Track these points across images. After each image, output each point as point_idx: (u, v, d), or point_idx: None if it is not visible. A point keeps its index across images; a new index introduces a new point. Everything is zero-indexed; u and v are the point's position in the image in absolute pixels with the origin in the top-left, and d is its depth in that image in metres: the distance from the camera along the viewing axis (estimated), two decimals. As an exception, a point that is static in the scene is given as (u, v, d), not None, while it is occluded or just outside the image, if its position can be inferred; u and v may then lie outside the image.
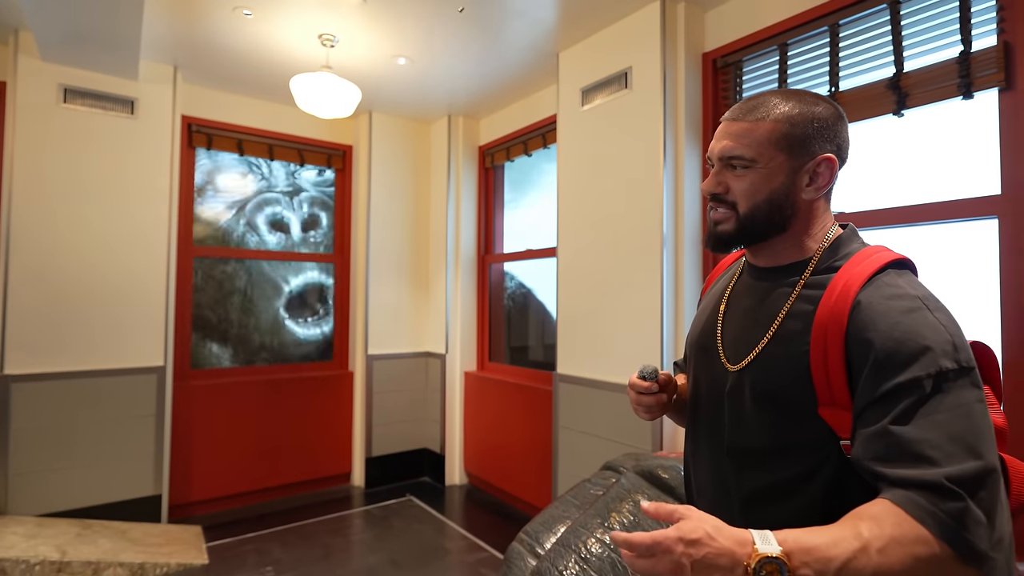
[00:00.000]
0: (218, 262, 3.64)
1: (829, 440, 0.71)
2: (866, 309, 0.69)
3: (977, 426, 0.62)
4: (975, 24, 1.75)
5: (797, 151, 0.78)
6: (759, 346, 0.79)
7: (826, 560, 0.56)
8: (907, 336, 0.65)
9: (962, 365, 0.65)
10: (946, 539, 0.57)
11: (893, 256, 0.76)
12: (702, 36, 2.54)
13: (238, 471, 3.50)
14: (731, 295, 0.89)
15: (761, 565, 0.55)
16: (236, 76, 3.30)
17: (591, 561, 1.48)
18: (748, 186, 0.79)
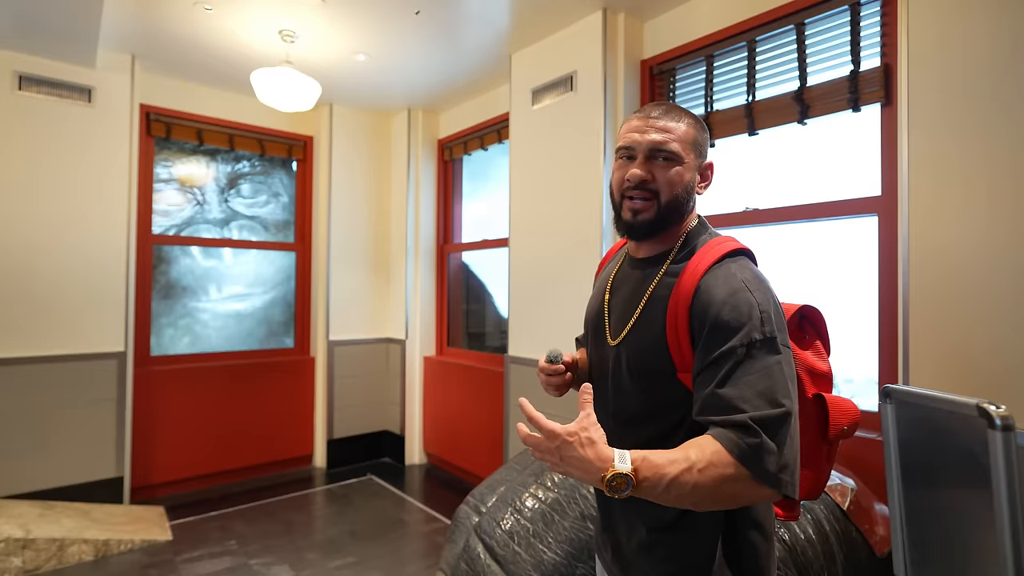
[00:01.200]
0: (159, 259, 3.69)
1: (686, 398, 0.87)
2: (703, 293, 0.85)
3: (776, 382, 0.79)
4: (864, 47, 2.02)
5: (699, 153, 0.95)
6: (629, 325, 0.94)
7: (662, 475, 0.74)
8: (730, 314, 0.81)
9: (767, 336, 0.81)
10: (744, 463, 0.75)
11: (732, 247, 0.91)
12: (641, 45, 2.75)
13: (201, 454, 3.59)
14: (614, 282, 1.04)
15: (613, 477, 0.73)
16: (196, 67, 3.35)
17: (524, 513, 1.69)
18: (671, 178, 0.91)
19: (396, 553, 2.75)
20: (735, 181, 2.51)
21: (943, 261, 1.61)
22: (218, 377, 3.69)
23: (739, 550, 0.87)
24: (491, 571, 1.59)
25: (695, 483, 0.74)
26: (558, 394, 1.09)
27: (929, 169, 1.64)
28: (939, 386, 1.61)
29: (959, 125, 1.59)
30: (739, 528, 0.87)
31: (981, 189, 1.54)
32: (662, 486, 0.74)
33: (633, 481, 0.73)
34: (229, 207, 3.92)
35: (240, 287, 3.96)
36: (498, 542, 1.65)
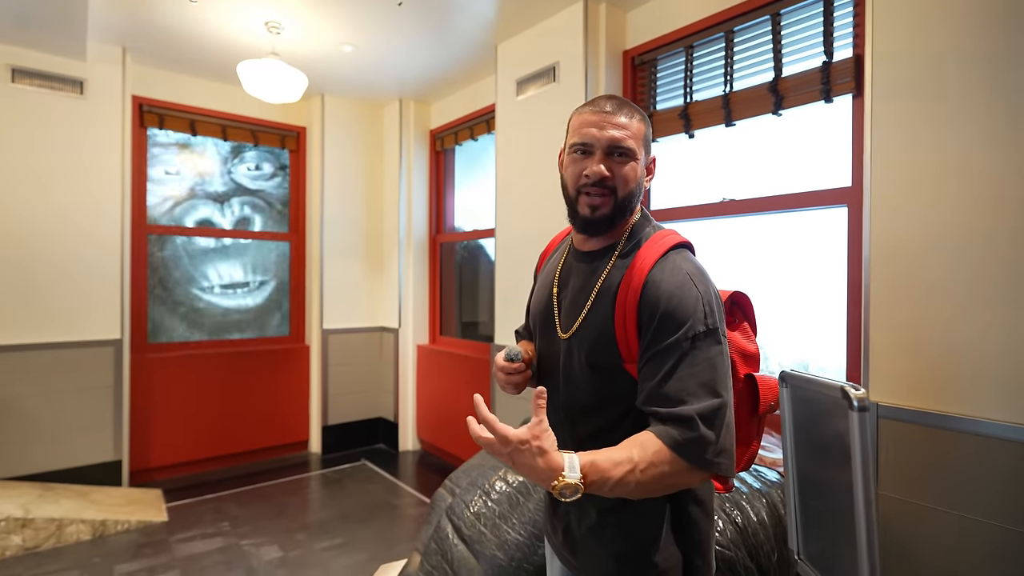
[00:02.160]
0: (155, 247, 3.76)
1: (633, 388, 0.90)
2: (651, 286, 0.88)
3: (717, 372, 0.83)
4: (837, 38, 2.02)
5: (647, 149, 0.97)
6: (580, 318, 0.95)
7: (607, 479, 0.77)
8: (677, 307, 0.85)
9: (709, 327, 0.85)
10: (682, 456, 0.80)
11: (676, 240, 0.95)
12: (623, 35, 2.76)
13: (198, 439, 3.68)
14: (561, 276, 1.05)
15: (564, 487, 0.75)
16: (186, 59, 3.39)
17: (492, 496, 1.75)
18: (626, 174, 0.93)
19: (383, 535, 2.83)
20: (713, 172, 2.52)
21: (902, 254, 1.63)
22: (214, 364, 3.77)
23: (683, 525, 0.92)
24: (458, 550, 1.66)
25: (637, 481, 0.78)
26: (516, 392, 1.09)
27: (892, 161, 1.66)
28: (896, 379, 1.64)
29: (922, 118, 1.60)
30: (682, 505, 0.92)
31: (943, 184, 1.56)
32: (607, 487, 0.78)
33: (581, 488, 0.76)
34: (232, 179, 3.98)
35: (239, 272, 4.04)
36: (466, 523, 1.71)
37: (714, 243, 2.59)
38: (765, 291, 2.43)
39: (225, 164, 3.95)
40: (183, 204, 3.79)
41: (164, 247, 3.72)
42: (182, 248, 3.80)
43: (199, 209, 3.86)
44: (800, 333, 2.34)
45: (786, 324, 2.39)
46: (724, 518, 1.51)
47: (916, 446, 1.60)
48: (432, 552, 1.72)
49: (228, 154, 3.96)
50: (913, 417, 1.61)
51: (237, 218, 4.01)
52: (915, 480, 1.59)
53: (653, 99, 2.68)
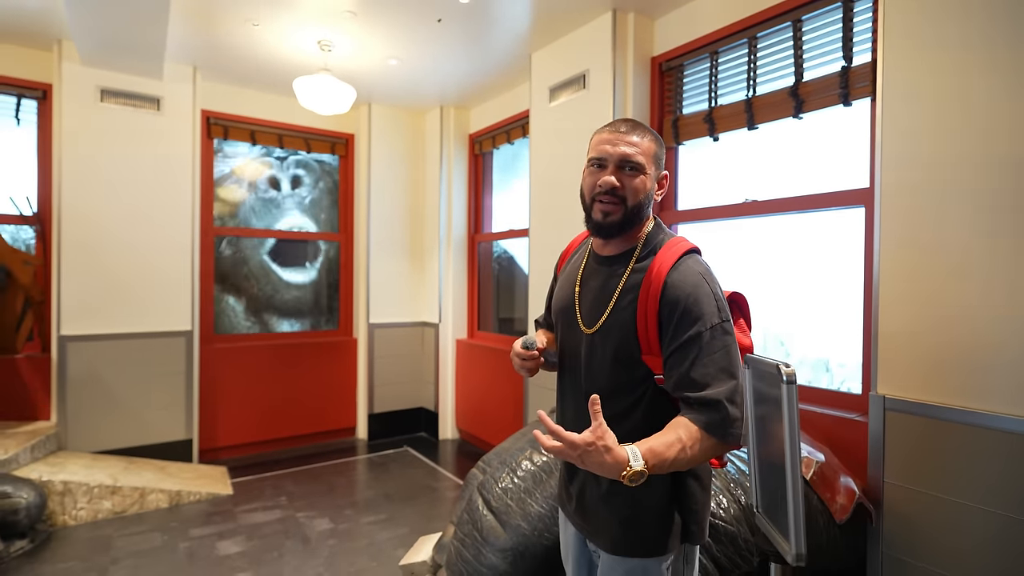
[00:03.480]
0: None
1: (648, 378, 1.04)
2: (670, 287, 1.01)
3: (732, 358, 0.98)
4: (857, 43, 2.08)
5: (658, 166, 1.10)
6: (604, 316, 1.08)
7: (664, 459, 0.90)
8: (695, 304, 0.98)
9: (723, 319, 0.99)
10: (714, 435, 0.94)
11: (688, 246, 1.07)
12: (651, 42, 2.87)
13: (257, 422, 4.03)
14: (583, 276, 1.17)
15: (633, 475, 0.87)
16: (248, 74, 3.71)
17: (518, 473, 1.92)
18: (636, 185, 1.06)
19: (422, 513, 3.06)
20: (737, 174, 2.61)
21: (910, 252, 1.70)
22: (272, 355, 4.11)
23: (681, 496, 1.05)
24: (487, 520, 1.84)
25: (688, 458, 0.93)
26: (530, 375, 1.24)
27: (901, 163, 1.73)
28: (904, 374, 1.72)
29: (931, 120, 1.66)
30: (682, 478, 1.05)
31: (950, 185, 1.62)
32: (666, 467, 0.91)
33: (647, 473, 0.88)
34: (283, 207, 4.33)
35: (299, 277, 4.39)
36: (495, 497, 1.89)
37: (738, 243, 2.67)
38: (787, 290, 2.50)
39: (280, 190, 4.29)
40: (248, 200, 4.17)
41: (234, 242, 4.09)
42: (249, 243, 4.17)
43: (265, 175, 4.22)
44: (821, 330, 2.41)
45: (807, 321, 2.46)
46: (729, 497, 1.64)
47: (923, 438, 1.67)
48: (464, 522, 1.92)
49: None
50: (920, 410, 1.68)
51: (291, 175, 4.35)
52: (921, 470, 1.67)
53: (680, 104, 2.78)
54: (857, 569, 1.80)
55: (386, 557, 2.56)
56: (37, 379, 3.31)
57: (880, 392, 1.77)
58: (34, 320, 3.37)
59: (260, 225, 4.22)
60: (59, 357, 3.23)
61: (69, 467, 3.01)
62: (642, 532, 1.04)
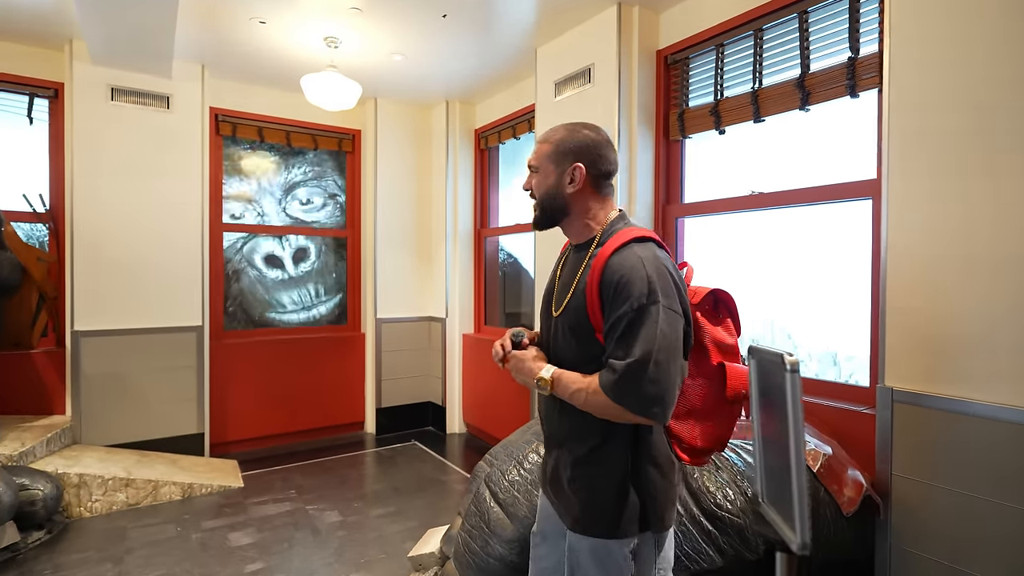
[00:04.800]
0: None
1: (602, 353, 1.10)
2: (608, 267, 1.09)
3: (650, 334, 1.01)
4: (863, 33, 2.07)
5: (559, 162, 1.18)
6: (568, 296, 1.18)
7: (567, 386, 1.10)
8: (625, 286, 1.05)
9: (651, 301, 1.03)
10: (606, 392, 1.03)
11: (639, 234, 1.13)
12: (657, 35, 2.86)
13: (267, 416, 4.08)
14: (562, 266, 1.28)
15: (538, 379, 1.13)
16: (255, 72, 3.74)
17: (525, 465, 1.94)
18: (535, 184, 1.22)
19: (431, 506, 3.09)
20: (743, 167, 2.60)
21: (916, 245, 1.69)
22: (281, 350, 4.15)
23: (638, 480, 1.12)
24: (494, 512, 1.86)
25: (585, 399, 1.08)
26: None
27: (907, 154, 1.72)
28: (910, 366, 1.71)
29: (937, 112, 1.65)
30: (641, 463, 1.12)
31: (957, 178, 1.61)
32: (567, 393, 1.11)
33: (550, 385, 1.13)
34: (287, 214, 4.35)
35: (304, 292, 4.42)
36: (502, 489, 1.91)
37: (744, 236, 2.66)
38: (795, 283, 2.49)
39: (280, 203, 4.31)
40: (250, 242, 4.19)
41: (240, 279, 4.15)
42: (256, 281, 4.21)
43: (262, 245, 4.25)
44: (829, 323, 2.40)
45: (815, 314, 2.45)
46: (735, 489, 1.64)
47: (931, 430, 1.67)
48: (471, 514, 1.94)
49: (281, 194, 4.31)
50: (928, 402, 1.67)
51: (295, 249, 4.39)
52: (929, 462, 1.67)
53: (685, 96, 2.77)
54: (865, 562, 1.81)
55: (395, 549, 2.59)
56: (52, 374, 3.37)
57: (888, 384, 1.77)
58: (48, 316, 3.43)
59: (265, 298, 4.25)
60: (73, 352, 3.29)
61: (84, 460, 3.06)
62: (600, 512, 1.11)
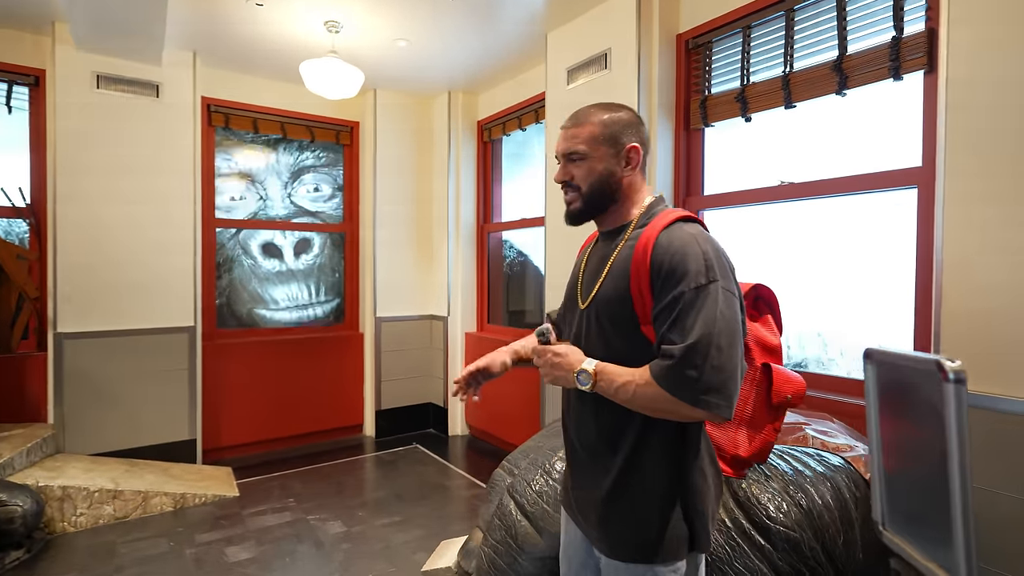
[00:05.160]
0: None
1: (645, 351, 0.99)
2: (659, 245, 0.98)
3: (708, 319, 0.91)
4: (908, 11, 1.95)
5: (611, 144, 1.07)
6: (598, 284, 1.07)
7: (612, 379, 0.97)
8: (679, 263, 0.95)
9: (710, 280, 0.93)
10: (659, 382, 0.92)
11: (682, 214, 1.04)
12: (677, 18, 2.72)
13: (262, 420, 3.89)
14: (588, 256, 1.18)
15: (579, 371, 0.99)
16: (250, 60, 3.56)
17: (552, 475, 1.80)
18: (584, 172, 1.09)
19: (438, 514, 2.93)
20: (771, 155, 2.48)
21: (977, 236, 1.57)
22: (276, 351, 3.97)
23: (686, 493, 1.00)
24: (521, 526, 1.71)
25: (633, 394, 0.95)
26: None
27: (968, 141, 1.60)
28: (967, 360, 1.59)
29: (1002, 94, 1.53)
30: (687, 474, 1.00)
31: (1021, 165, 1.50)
32: (611, 388, 0.97)
33: (593, 377, 0.98)
34: (292, 202, 4.17)
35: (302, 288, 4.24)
36: (528, 500, 1.76)
37: (771, 229, 2.54)
38: (826, 277, 2.37)
39: (285, 188, 4.13)
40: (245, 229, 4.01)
41: (233, 268, 3.95)
42: (250, 271, 4.02)
43: (262, 232, 4.06)
44: (865, 320, 2.28)
45: (849, 310, 2.34)
46: (788, 500, 1.51)
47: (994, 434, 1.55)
48: (496, 528, 1.79)
49: (288, 177, 4.14)
50: (988, 403, 1.55)
51: (296, 239, 4.20)
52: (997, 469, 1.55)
53: (708, 83, 2.64)
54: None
55: (405, 561, 2.44)
56: (33, 379, 3.17)
57: (944, 385, 1.64)
58: (29, 317, 3.22)
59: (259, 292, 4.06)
60: (56, 355, 3.09)
61: (68, 471, 2.87)
62: (643, 534, 1.00)
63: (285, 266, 4.18)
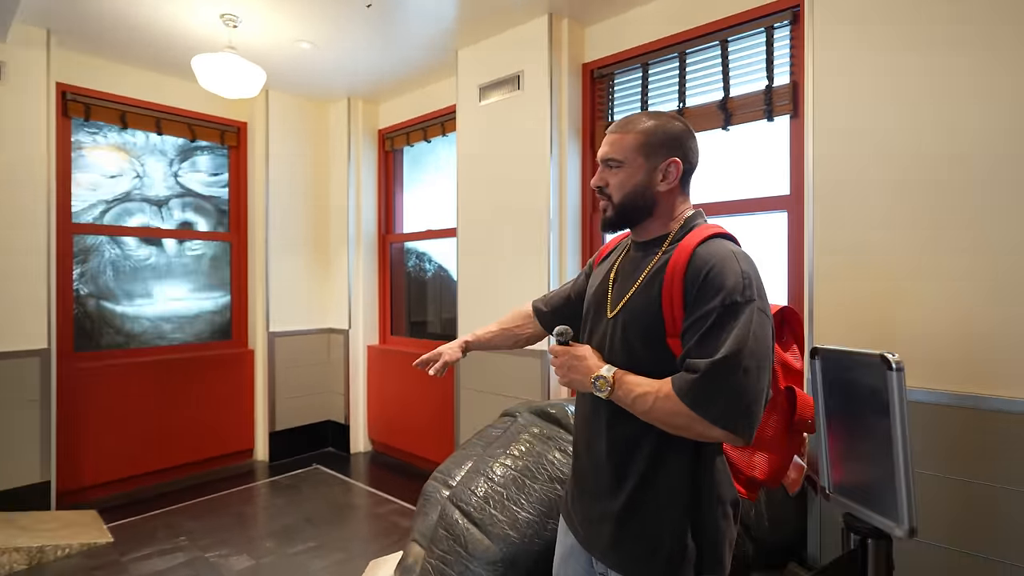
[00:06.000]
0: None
1: (671, 363, 0.97)
2: (696, 258, 0.97)
3: (739, 338, 0.89)
4: (777, 65, 2.34)
5: (650, 155, 1.05)
6: (629, 293, 1.05)
7: (630, 388, 0.96)
8: (716, 276, 0.93)
9: (745, 298, 0.92)
10: (681, 398, 0.90)
11: (719, 230, 1.04)
12: (582, 48, 2.96)
13: (134, 453, 3.43)
14: (620, 264, 1.14)
15: (597, 377, 0.98)
16: (122, 45, 3.16)
17: (496, 480, 1.86)
18: (617, 181, 1.06)
19: (355, 535, 2.83)
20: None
21: (842, 254, 1.94)
22: (151, 373, 3.53)
23: (699, 515, 0.98)
24: (470, 533, 1.75)
25: (651, 406, 0.93)
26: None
27: (831, 173, 1.97)
28: (836, 353, 1.95)
29: (856, 135, 1.92)
30: (702, 494, 0.98)
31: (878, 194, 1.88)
32: (628, 398, 0.97)
33: (611, 384, 0.98)
34: (179, 183, 3.73)
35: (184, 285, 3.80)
36: (474, 507, 1.80)
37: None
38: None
39: (171, 166, 3.71)
40: (115, 208, 3.51)
41: (90, 257, 3.43)
42: (118, 258, 3.53)
43: (134, 215, 3.59)
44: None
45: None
46: (709, 482, 1.74)
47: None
48: (442, 539, 1.80)
49: (176, 154, 3.72)
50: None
51: (177, 223, 3.78)
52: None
53: (611, 110, 2.90)
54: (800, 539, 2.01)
55: (328, 588, 2.33)
56: None
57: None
58: None
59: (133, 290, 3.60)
60: None
61: None
62: (653, 552, 0.98)
63: (165, 256, 3.73)
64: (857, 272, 1.89)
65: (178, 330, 3.78)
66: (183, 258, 3.82)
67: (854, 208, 1.90)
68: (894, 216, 1.82)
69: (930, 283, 1.75)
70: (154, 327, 3.69)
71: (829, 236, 1.95)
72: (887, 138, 1.84)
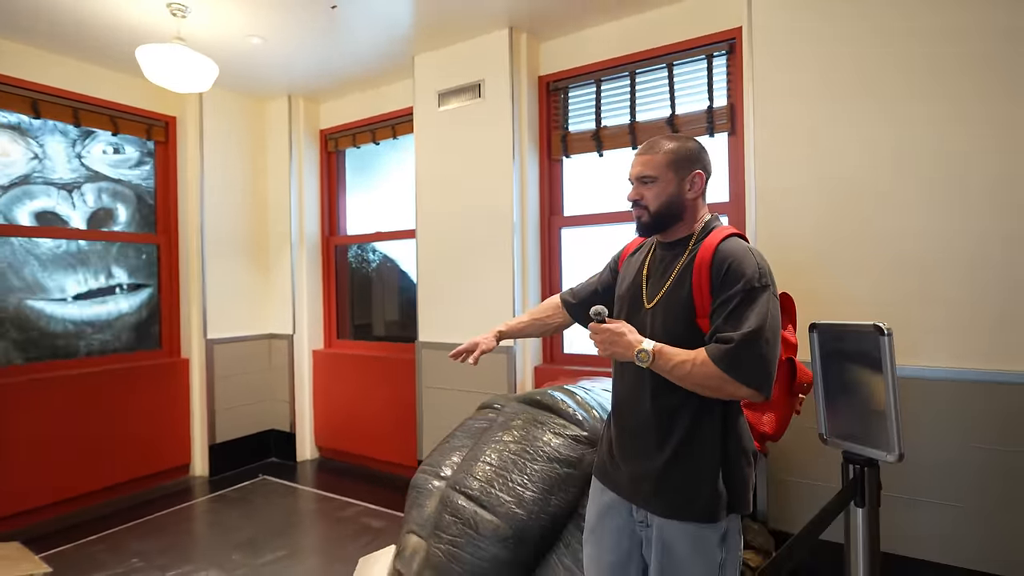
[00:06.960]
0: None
1: (700, 340, 1.18)
2: (720, 252, 1.19)
3: (759, 315, 1.11)
4: (716, 87, 2.67)
5: (678, 169, 1.26)
6: (664, 288, 1.27)
7: (669, 358, 1.15)
8: (738, 267, 1.15)
9: (762, 284, 1.14)
10: (716, 364, 1.10)
11: (735, 231, 1.27)
12: (538, 62, 3.15)
13: (54, 478, 3.12)
14: (650, 262, 1.35)
15: (639, 351, 1.15)
16: (33, 27, 2.87)
17: (495, 464, 1.98)
18: (652, 194, 1.27)
19: (325, 539, 2.81)
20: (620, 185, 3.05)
21: (783, 247, 2.29)
22: (71, 388, 3.22)
23: (728, 464, 1.20)
24: (479, 515, 1.87)
25: (688, 372, 1.13)
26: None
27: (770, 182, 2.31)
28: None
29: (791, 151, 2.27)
30: (730, 446, 1.21)
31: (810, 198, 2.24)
32: (667, 367, 1.15)
33: (652, 356, 1.15)
34: (83, 164, 3.41)
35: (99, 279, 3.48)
36: (478, 491, 1.92)
37: (619, 244, 3.12)
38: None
39: (73, 147, 3.38)
40: (14, 190, 3.15)
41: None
42: (19, 253, 3.17)
43: (37, 198, 3.24)
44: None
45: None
46: (687, 451, 1.99)
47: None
48: (450, 524, 1.90)
49: (79, 133, 3.40)
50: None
51: (92, 210, 3.47)
52: (790, 410, 2.26)
53: (566, 121, 3.12)
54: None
55: (313, 591, 2.32)
56: None
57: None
58: None
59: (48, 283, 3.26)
60: None
61: None
62: (696, 497, 1.18)
63: (75, 244, 3.41)
64: (795, 268, 2.25)
65: (99, 332, 3.47)
66: (97, 245, 3.49)
67: (791, 212, 2.26)
68: (823, 219, 2.20)
69: (855, 279, 2.14)
70: (78, 330, 3.37)
71: (768, 236, 2.30)
72: (819, 155, 2.21)
